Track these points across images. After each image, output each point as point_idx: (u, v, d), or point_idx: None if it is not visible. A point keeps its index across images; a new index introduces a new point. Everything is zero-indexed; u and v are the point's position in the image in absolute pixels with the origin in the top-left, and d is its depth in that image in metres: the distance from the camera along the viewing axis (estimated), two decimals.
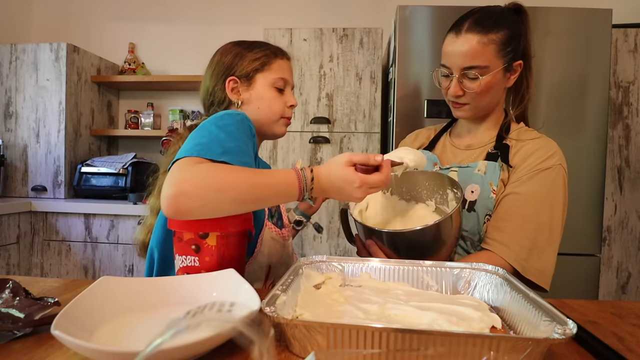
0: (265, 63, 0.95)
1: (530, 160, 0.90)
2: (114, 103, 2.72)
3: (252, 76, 0.94)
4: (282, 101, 0.96)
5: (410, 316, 0.54)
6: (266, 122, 0.95)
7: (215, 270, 0.65)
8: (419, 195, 0.94)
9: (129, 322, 0.54)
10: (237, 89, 0.95)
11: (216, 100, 0.98)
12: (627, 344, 0.55)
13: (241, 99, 0.95)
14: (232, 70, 0.95)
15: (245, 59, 0.95)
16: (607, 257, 1.96)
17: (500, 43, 0.88)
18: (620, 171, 1.95)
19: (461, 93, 0.91)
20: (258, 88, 0.94)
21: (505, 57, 0.89)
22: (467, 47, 0.87)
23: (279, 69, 0.96)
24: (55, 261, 2.20)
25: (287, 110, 0.97)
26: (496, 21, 0.88)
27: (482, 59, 0.87)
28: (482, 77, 0.88)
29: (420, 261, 0.71)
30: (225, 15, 2.63)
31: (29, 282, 0.71)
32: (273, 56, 0.96)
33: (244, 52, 0.95)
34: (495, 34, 0.87)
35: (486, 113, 0.98)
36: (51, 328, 0.43)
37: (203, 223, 0.67)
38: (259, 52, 0.95)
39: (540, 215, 0.86)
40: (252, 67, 0.94)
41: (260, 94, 0.94)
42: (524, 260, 0.84)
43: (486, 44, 0.87)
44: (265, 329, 0.28)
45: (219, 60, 0.97)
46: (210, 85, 0.97)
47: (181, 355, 0.42)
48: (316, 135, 2.07)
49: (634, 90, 1.94)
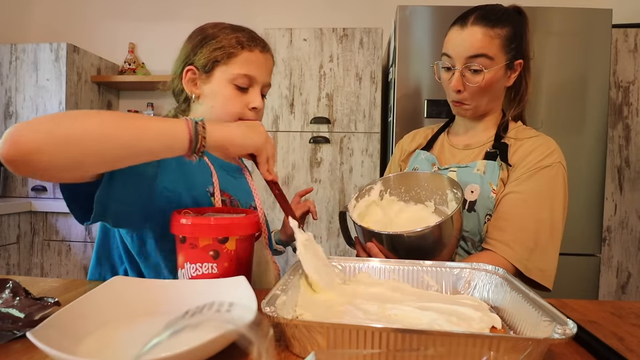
0: (228, 54, 0.81)
1: (530, 158, 0.90)
2: (114, 103, 2.72)
3: (211, 68, 0.82)
4: (242, 101, 0.83)
5: (410, 316, 0.54)
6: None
7: (232, 276, 0.62)
8: (417, 196, 0.93)
9: (128, 327, 0.54)
10: (195, 81, 0.83)
11: (176, 90, 0.88)
12: (627, 344, 0.55)
13: (198, 93, 0.83)
14: (192, 58, 0.83)
15: (208, 47, 0.81)
16: (607, 257, 1.96)
17: (505, 38, 0.88)
18: (620, 171, 1.95)
19: (462, 88, 0.91)
20: (215, 83, 0.82)
21: (508, 54, 0.90)
22: (474, 38, 0.87)
23: (244, 64, 0.81)
24: (55, 261, 2.20)
25: (247, 112, 0.83)
26: (500, 18, 0.89)
27: (488, 50, 0.87)
28: (486, 70, 0.88)
29: (420, 261, 0.71)
30: (225, 15, 2.62)
31: (29, 282, 0.71)
32: (239, 47, 0.81)
33: (210, 38, 0.82)
34: (500, 29, 0.88)
35: (486, 112, 0.98)
36: (28, 333, 0.41)
37: (221, 227, 0.63)
38: (224, 40, 0.81)
39: (541, 213, 0.86)
40: (211, 58, 0.81)
41: (216, 91, 0.82)
42: (526, 259, 0.83)
43: (492, 37, 0.88)
44: (264, 329, 0.28)
45: (185, 45, 0.86)
46: (173, 72, 0.87)
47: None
48: (316, 135, 2.07)
49: (634, 90, 1.94)
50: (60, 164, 0.52)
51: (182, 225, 0.64)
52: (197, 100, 0.85)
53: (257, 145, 0.68)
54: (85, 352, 0.45)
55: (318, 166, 2.08)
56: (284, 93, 2.07)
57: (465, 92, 0.91)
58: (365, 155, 2.07)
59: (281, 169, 2.09)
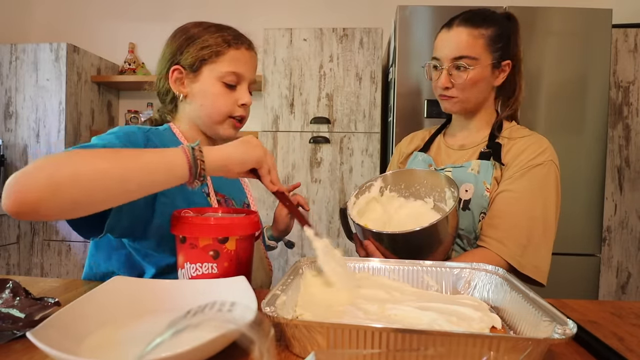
0: (215, 53, 0.81)
1: (522, 157, 0.92)
2: (114, 103, 2.72)
3: (198, 67, 0.82)
4: (231, 98, 0.83)
5: (410, 316, 0.54)
6: (209, 122, 0.84)
7: (232, 276, 0.62)
8: (417, 193, 0.94)
9: (128, 327, 0.54)
10: (182, 80, 0.84)
11: (162, 90, 0.88)
12: (627, 344, 0.55)
13: (185, 92, 0.84)
14: (178, 57, 0.83)
15: (194, 46, 0.81)
16: (607, 257, 1.96)
17: (489, 38, 0.92)
18: (620, 171, 1.95)
19: (450, 85, 0.94)
20: (203, 81, 0.82)
21: (494, 54, 0.93)
22: (458, 39, 0.92)
23: (231, 61, 0.82)
24: (55, 261, 2.21)
25: (236, 109, 0.85)
26: (485, 19, 0.93)
27: (472, 50, 0.91)
28: (471, 67, 0.91)
29: (420, 261, 0.71)
30: (225, 15, 2.62)
31: (29, 282, 0.71)
32: (226, 45, 0.82)
33: (195, 37, 0.82)
34: (484, 29, 0.92)
35: (474, 109, 0.99)
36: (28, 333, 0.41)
37: (221, 227, 0.64)
38: (210, 39, 0.82)
39: (534, 211, 0.88)
40: (198, 57, 0.81)
41: (204, 89, 0.82)
42: (519, 256, 0.85)
43: (476, 37, 0.91)
44: (265, 329, 0.28)
45: (169, 44, 0.85)
46: (158, 72, 0.87)
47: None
48: (316, 135, 2.07)
49: (634, 90, 1.94)
50: (66, 207, 0.53)
51: (182, 225, 0.64)
52: (185, 100, 0.85)
53: (256, 158, 0.68)
54: (86, 352, 0.45)
55: (318, 166, 2.08)
56: (284, 93, 2.07)
57: (453, 89, 0.94)
58: (365, 155, 2.07)
59: (281, 169, 2.09)
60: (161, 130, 0.85)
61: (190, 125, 0.88)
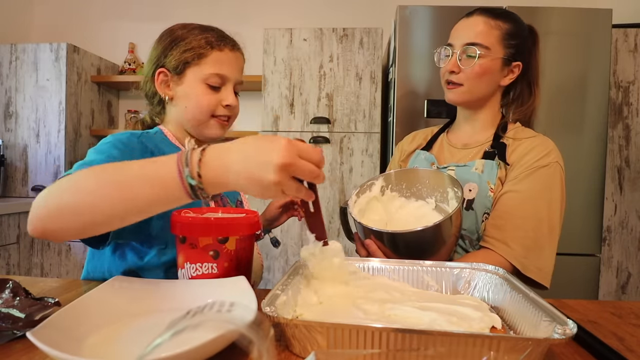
0: (198, 55, 0.81)
1: (527, 158, 0.91)
2: (114, 103, 2.72)
3: (182, 70, 0.82)
4: (215, 98, 0.83)
5: (410, 316, 0.54)
6: (194, 122, 0.84)
7: (232, 276, 0.62)
8: (419, 193, 0.93)
9: (128, 327, 0.54)
10: (167, 83, 0.84)
11: (149, 93, 0.88)
12: (627, 344, 0.55)
13: (171, 95, 0.84)
14: (162, 60, 0.83)
15: (178, 49, 0.82)
16: (607, 257, 1.96)
17: (504, 32, 0.93)
18: (620, 171, 1.95)
19: (457, 69, 0.94)
20: (188, 84, 0.82)
21: (506, 49, 0.93)
22: (474, 25, 0.93)
23: (215, 63, 0.82)
24: (55, 261, 2.21)
25: (220, 108, 0.84)
26: (504, 14, 0.94)
27: (486, 39, 0.92)
28: (481, 54, 0.91)
29: (420, 261, 0.71)
30: (225, 15, 2.63)
31: (29, 282, 0.71)
32: (209, 47, 0.82)
33: (179, 39, 0.82)
34: (502, 22, 0.93)
35: (478, 103, 0.99)
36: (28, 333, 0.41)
37: (221, 227, 0.63)
38: (193, 41, 0.82)
39: (539, 213, 0.87)
40: (182, 59, 0.81)
41: (188, 92, 0.82)
42: (523, 258, 0.84)
43: (492, 27, 0.92)
44: (265, 329, 0.28)
45: (155, 46, 0.85)
46: (145, 74, 0.87)
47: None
48: (316, 135, 2.07)
49: (634, 90, 1.94)
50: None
51: (182, 225, 0.64)
52: (171, 102, 0.85)
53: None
54: (86, 352, 0.45)
55: None
56: (284, 93, 2.07)
57: (459, 75, 0.94)
58: (365, 155, 2.07)
59: None
60: (152, 133, 0.85)
61: (178, 127, 0.88)
